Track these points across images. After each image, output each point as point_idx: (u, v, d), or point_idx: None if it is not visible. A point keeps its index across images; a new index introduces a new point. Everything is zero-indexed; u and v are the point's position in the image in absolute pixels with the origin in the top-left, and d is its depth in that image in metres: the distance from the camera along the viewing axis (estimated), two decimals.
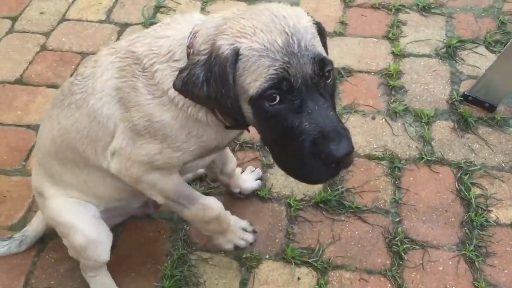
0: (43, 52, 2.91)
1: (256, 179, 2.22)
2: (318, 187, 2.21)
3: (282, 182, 2.25)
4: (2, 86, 2.74)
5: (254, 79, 1.26)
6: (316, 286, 1.92)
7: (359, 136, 2.40)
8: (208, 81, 1.30)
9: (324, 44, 1.39)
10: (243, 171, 2.23)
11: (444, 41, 2.79)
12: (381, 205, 2.15)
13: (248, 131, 1.53)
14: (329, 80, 1.31)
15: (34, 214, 2.13)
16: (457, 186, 2.19)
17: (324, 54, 1.32)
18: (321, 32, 1.37)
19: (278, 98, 1.27)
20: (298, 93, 1.26)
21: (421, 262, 1.97)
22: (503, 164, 2.26)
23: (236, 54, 1.25)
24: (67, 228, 1.76)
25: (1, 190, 2.29)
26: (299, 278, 1.95)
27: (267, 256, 2.03)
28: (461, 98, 2.49)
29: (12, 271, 2.03)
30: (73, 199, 1.78)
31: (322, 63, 1.27)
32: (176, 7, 3.12)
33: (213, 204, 1.76)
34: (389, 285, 1.92)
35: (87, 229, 1.74)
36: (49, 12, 3.14)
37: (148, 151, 1.54)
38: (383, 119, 2.46)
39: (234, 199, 2.19)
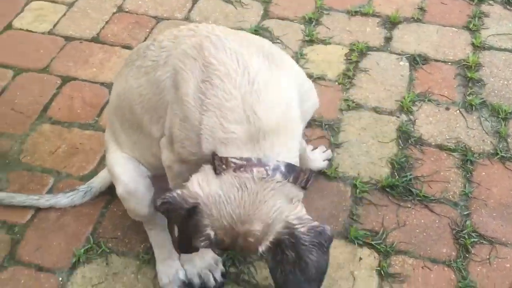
0: (119, 13, 2.97)
1: (325, 160, 2.21)
2: (386, 171, 2.18)
3: (349, 163, 2.24)
4: (79, 42, 2.81)
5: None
6: (377, 268, 1.91)
7: (431, 125, 2.35)
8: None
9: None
10: (314, 149, 2.22)
11: None
12: (450, 196, 2.10)
13: None
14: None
15: (102, 167, 2.20)
16: None
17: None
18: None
19: None
20: None
21: (488, 257, 1.92)
22: None
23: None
24: (114, 180, 1.86)
25: (74, 142, 2.37)
26: (360, 258, 1.94)
27: None
28: None
29: (81, 219, 2.11)
30: (126, 155, 1.85)
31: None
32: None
33: None
34: (453, 276, 1.88)
35: (128, 183, 1.81)
36: None
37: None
38: (458, 111, 2.39)
39: None
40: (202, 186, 1.34)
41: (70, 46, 2.80)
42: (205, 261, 1.91)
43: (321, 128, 2.36)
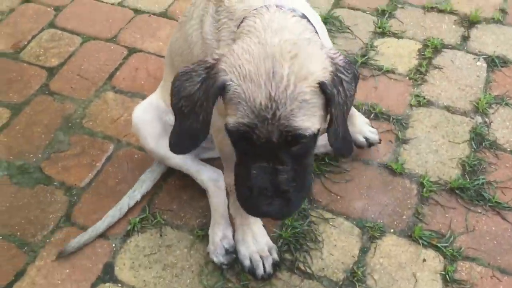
0: None
1: (369, 136, 2.11)
2: (456, 173, 2.07)
3: (416, 160, 2.13)
4: (148, 16, 2.81)
5: (232, 113, 1.29)
6: (442, 272, 1.80)
7: (507, 130, 2.21)
8: (198, 89, 1.35)
9: (330, 101, 1.30)
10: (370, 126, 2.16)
11: None
12: None
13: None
14: (296, 148, 1.30)
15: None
16: None
17: (302, 126, 1.27)
18: (324, 91, 1.29)
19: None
20: (260, 148, 1.28)
21: None
22: None
23: (224, 86, 1.29)
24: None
25: None
26: (424, 260, 1.84)
27: (392, 230, 1.93)
28: None
29: None
30: (157, 97, 2.03)
31: (292, 137, 1.27)
32: None
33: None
34: None
35: (141, 114, 1.98)
36: None
37: None
38: None
39: (364, 166, 2.11)
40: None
41: (139, 18, 2.80)
42: (258, 245, 1.84)
43: (388, 121, 2.26)
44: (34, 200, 2.06)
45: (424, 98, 2.33)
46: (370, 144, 2.12)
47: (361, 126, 2.11)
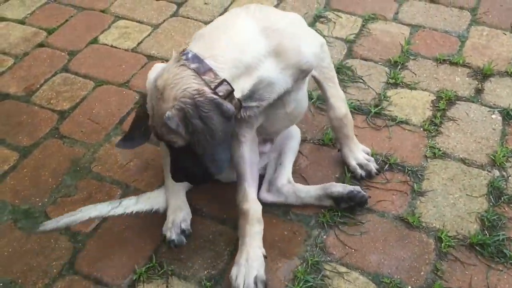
0: None
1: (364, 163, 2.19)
2: (475, 228, 2.00)
3: (433, 213, 2.06)
4: (161, 62, 2.82)
5: None
6: None
7: None
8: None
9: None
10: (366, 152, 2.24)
11: None
12: None
13: None
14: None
15: None
16: None
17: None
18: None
19: None
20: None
21: None
22: None
23: None
24: None
25: (146, 157, 2.33)
26: None
27: (409, 287, 1.84)
28: None
29: (145, 236, 2.03)
30: None
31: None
32: (337, 19, 3.07)
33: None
34: None
35: None
36: (213, 4, 3.23)
37: None
38: None
39: (379, 219, 2.04)
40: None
41: (152, 64, 2.80)
42: (249, 268, 1.81)
43: (403, 173, 2.21)
44: (37, 246, 1.99)
45: (440, 150, 2.29)
46: (367, 173, 2.17)
47: (357, 152, 2.19)
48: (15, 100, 2.62)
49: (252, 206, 1.87)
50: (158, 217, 2.05)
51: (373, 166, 2.18)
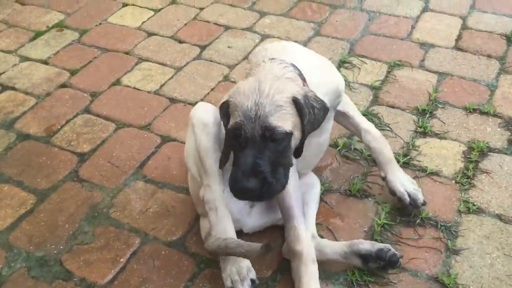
0: (225, 82, 2.95)
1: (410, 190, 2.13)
2: None
3: (469, 274, 1.94)
4: (183, 105, 2.79)
5: (231, 120, 1.75)
6: None
7: None
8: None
9: (301, 113, 1.71)
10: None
11: None
12: None
13: None
14: (274, 143, 1.68)
15: (192, 234, 2.09)
16: None
17: (276, 124, 1.66)
18: (297, 105, 1.71)
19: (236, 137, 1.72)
20: (245, 140, 1.68)
21: None
22: None
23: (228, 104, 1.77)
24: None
25: (166, 203, 2.25)
26: None
27: None
28: None
29: None
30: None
31: (269, 133, 1.66)
32: (361, 65, 3.02)
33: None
34: None
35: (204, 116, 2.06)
36: (236, 48, 3.21)
37: None
38: None
39: (412, 278, 1.92)
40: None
41: (174, 107, 2.77)
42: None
43: (436, 228, 2.10)
44: None
45: (474, 205, 2.18)
46: (414, 203, 2.10)
47: (403, 179, 2.14)
48: (35, 141, 2.58)
49: (305, 246, 1.82)
50: (177, 265, 1.95)
51: (420, 196, 2.10)
